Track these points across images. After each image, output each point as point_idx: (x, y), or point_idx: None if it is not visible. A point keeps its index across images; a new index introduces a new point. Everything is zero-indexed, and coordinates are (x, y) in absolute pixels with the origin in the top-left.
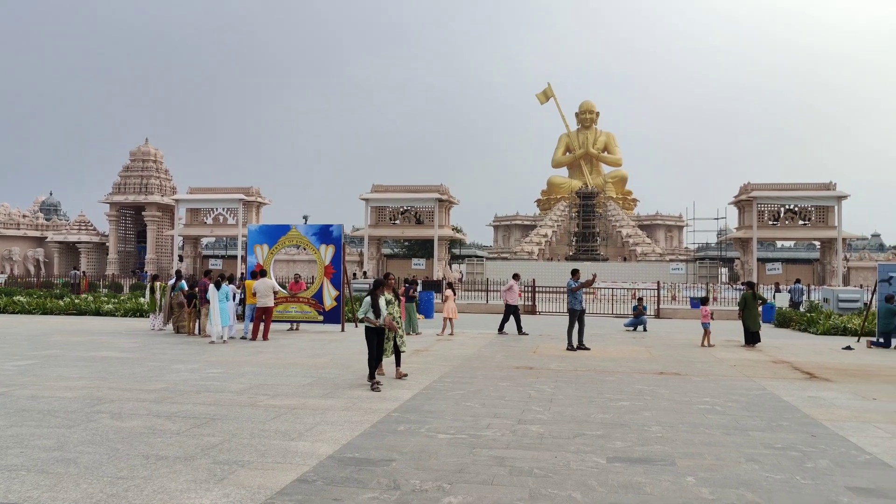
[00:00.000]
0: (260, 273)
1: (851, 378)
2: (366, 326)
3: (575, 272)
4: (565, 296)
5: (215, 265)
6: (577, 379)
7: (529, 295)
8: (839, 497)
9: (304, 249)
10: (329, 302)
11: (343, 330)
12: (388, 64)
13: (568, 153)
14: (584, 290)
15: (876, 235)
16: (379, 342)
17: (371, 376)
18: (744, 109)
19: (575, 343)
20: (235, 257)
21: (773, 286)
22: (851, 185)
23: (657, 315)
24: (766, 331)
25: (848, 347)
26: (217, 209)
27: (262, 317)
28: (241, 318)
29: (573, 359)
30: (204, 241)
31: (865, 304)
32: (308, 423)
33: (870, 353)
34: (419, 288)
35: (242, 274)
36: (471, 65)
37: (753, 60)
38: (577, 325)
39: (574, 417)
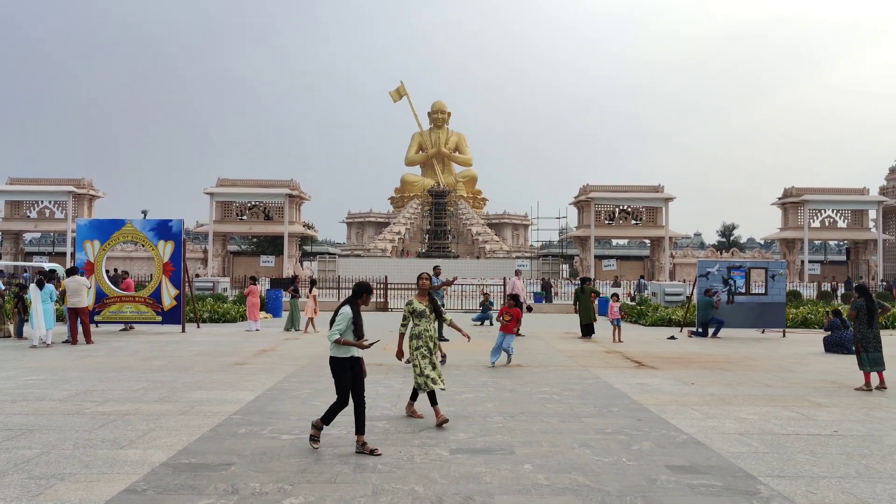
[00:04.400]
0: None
1: (674, 365)
2: (332, 356)
3: (436, 269)
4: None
5: (41, 262)
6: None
7: (381, 292)
8: (659, 475)
9: (142, 246)
10: (168, 301)
11: (184, 330)
12: (239, 53)
13: (421, 152)
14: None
15: (698, 234)
16: (358, 375)
17: (327, 422)
18: (580, 115)
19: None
20: (64, 254)
21: (611, 281)
22: (676, 188)
23: None
24: (602, 322)
25: (672, 337)
26: (43, 202)
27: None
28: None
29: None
30: (28, 236)
31: (687, 297)
32: (140, 430)
33: (690, 342)
34: (267, 286)
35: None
36: (324, 60)
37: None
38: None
39: (420, 411)
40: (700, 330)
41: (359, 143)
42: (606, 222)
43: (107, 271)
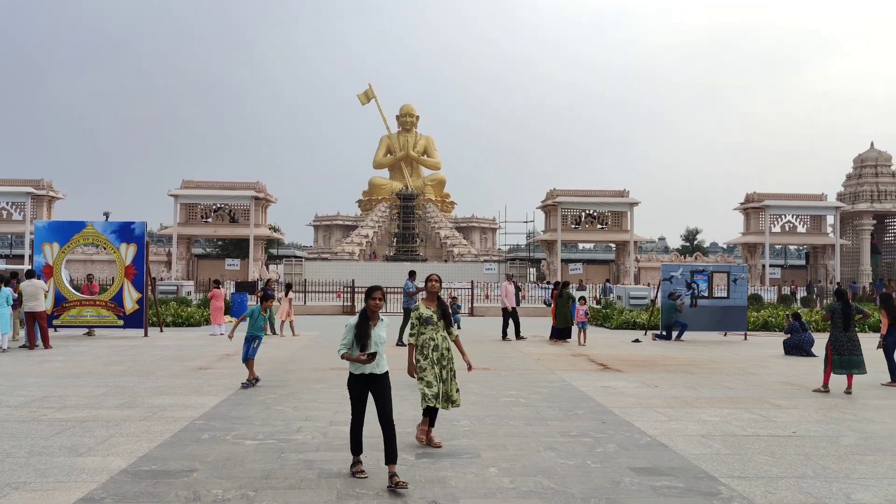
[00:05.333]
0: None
1: (638, 368)
2: (349, 373)
3: (412, 273)
4: (390, 296)
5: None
6: (391, 378)
7: (349, 295)
8: (623, 477)
9: (103, 249)
10: (130, 305)
11: (146, 335)
12: (205, 52)
13: (389, 155)
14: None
15: (662, 239)
16: (381, 394)
17: (355, 450)
18: (549, 119)
19: (405, 340)
20: (22, 257)
21: (576, 285)
22: (641, 193)
23: (471, 313)
24: None
25: (636, 340)
26: (0, 203)
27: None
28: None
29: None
30: None
31: (652, 300)
32: (99, 437)
33: (654, 345)
34: (232, 289)
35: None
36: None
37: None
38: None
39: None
40: (664, 333)
41: (326, 146)
42: (573, 226)
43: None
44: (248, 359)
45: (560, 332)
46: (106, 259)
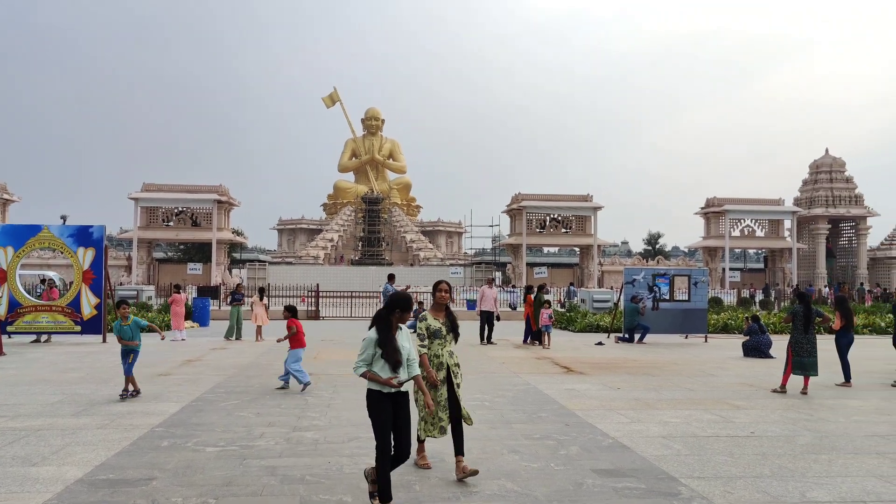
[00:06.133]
0: None
1: (601, 370)
2: (368, 389)
3: (391, 277)
4: (352, 300)
5: None
6: (356, 382)
7: (313, 300)
8: (585, 479)
9: (60, 253)
10: (88, 310)
11: (104, 341)
12: (166, 52)
13: (354, 158)
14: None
15: (625, 243)
16: (401, 414)
17: (384, 496)
18: (515, 125)
19: None
20: None
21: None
22: (604, 197)
23: None
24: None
25: (600, 343)
26: None
27: None
28: None
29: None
30: None
31: (615, 303)
32: (55, 446)
33: (617, 348)
34: (194, 294)
35: None
36: (257, 61)
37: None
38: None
39: (350, 421)
40: (626, 336)
41: (291, 149)
42: (538, 230)
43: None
44: (128, 375)
45: (537, 335)
46: (63, 263)
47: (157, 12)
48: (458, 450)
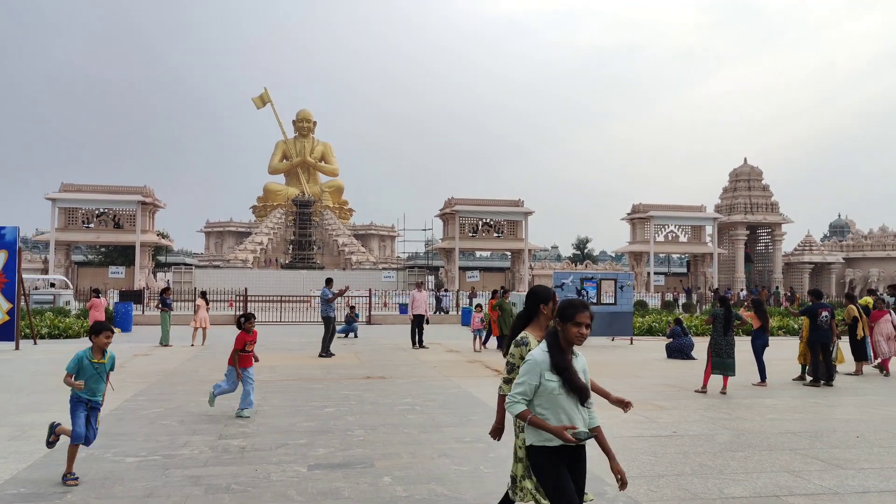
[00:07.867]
0: None
1: None
2: (530, 445)
3: (329, 281)
4: (282, 305)
5: None
6: (287, 388)
7: (241, 305)
8: None
9: None
10: (0, 316)
11: (17, 348)
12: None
13: (285, 160)
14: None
15: (555, 247)
16: (577, 480)
17: None
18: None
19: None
20: None
21: (468, 291)
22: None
23: (369, 321)
24: (464, 332)
25: None
26: None
27: None
28: None
29: (283, 368)
30: None
31: None
32: None
33: None
34: (116, 299)
35: None
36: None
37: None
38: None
39: (279, 428)
40: None
41: (219, 150)
42: (470, 235)
43: None
44: (78, 442)
45: (499, 340)
46: None
47: (81, 3)
48: None
